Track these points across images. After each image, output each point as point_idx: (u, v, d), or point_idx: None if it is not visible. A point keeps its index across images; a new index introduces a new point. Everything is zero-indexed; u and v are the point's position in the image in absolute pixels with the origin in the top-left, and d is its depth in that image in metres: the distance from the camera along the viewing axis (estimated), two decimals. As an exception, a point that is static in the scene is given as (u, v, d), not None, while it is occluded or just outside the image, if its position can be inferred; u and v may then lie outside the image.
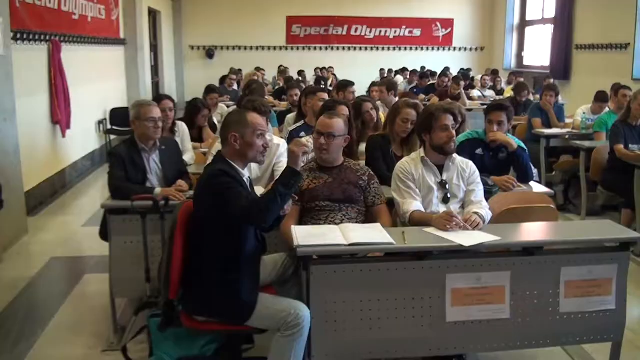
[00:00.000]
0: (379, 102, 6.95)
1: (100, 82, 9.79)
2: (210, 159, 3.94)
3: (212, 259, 2.83)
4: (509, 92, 10.81)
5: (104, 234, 3.93)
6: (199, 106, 5.80)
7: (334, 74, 13.40)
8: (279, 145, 4.29)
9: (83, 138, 8.91)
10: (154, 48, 14.57)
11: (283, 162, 4.20)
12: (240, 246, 2.84)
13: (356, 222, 3.41)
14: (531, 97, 9.37)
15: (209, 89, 7.59)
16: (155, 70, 14.66)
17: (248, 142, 2.92)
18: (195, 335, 2.99)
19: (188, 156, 4.93)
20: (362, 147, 4.69)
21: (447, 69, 14.82)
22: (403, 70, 15.34)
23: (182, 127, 5.17)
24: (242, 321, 2.85)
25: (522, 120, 7.98)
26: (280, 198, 2.76)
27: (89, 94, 9.08)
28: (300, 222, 3.44)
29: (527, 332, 3.07)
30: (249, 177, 3.06)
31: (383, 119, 5.35)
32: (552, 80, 10.87)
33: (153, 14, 14.37)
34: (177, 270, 2.84)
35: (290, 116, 6.10)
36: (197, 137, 5.69)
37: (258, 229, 2.92)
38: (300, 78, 13.46)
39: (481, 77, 12.63)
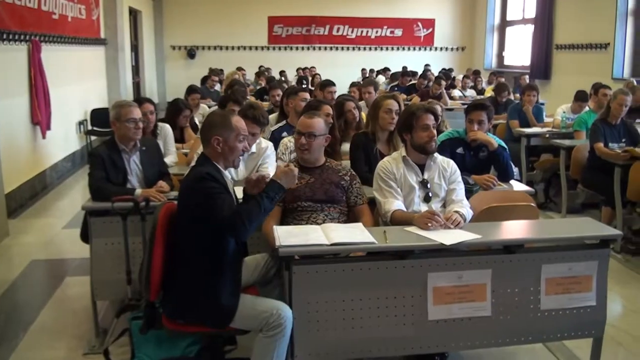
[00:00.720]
0: (362, 102, 6.98)
1: (80, 82, 9.72)
2: (194, 160, 3.93)
3: (193, 261, 2.81)
4: (489, 92, 10.90)
5: (85, 236, 3.89)
6: (181, 107, 5.78)
7: (317, 74, 13.40)
8: (267, 147, 4.29)
9: (63, 139, 8.83)
10: (135, 48, 14.48)
11: (268, 163, 4.20)
12: (222, 249, 2.82)
13: (338, 222, 3.41)
14: (512, 97, 9.44)
15: (191, 90, 7.56)
16: (136, 70, 14.57)
17: (230, 146, 2.91)
18: (177, 337, 2.97)
19: (170, 158, 4.90)
20: (345, 146, 4.70)
21: (427, 66, 14.91)
22: (385, 70, 15.41)
23: (165, 129, 5.14)
24: (223, 325, 2.83)
25: (503, 119, 8.04)
26: (264, 212, 2.79)
27: (70, 94, 9.01)
28: (282, 222, 3.44)
29: (508, 329, 3.10)
30: (231, 180, 3.05)
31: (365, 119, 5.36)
32: (527, 79, 11.01)
33: (134, 14, 14.28)
34: (158, 272, 2.82)
35: (272, 116, 6.09)
36: (178, 137, 5.66)
37: (236, 239, 2.87)
38: (283, 78, 13.45)
39: (462, 78, 12.70)
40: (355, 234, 3.00)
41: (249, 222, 2.72)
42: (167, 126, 5.16)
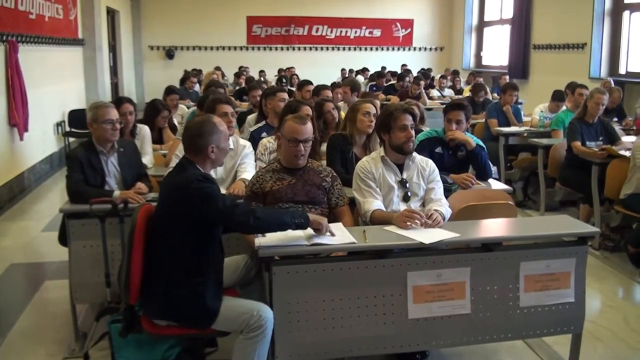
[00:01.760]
0: (341, 103, 6.99)
1: (58, 83, 9.61)
2: (174, 161, 3.91)
3: (176, 262, 2.79)
4: (467, 92, 10.96)
5: (63, 239, 3.86)
6: (159, 107, 5.74)
7: (295, 74, 13.39)
8: (244, 146, 4.27)
9: (41, 141, 8.73)
10: (113, 48, 14.35)
11: (247, 164, 4.18)
12: (206, 250, 2.81)
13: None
14: (489, 97, 9.50)
15: (169, 90, 7.51)
16: (114, 70, 14.45)
17: (222, 149, 2.94)
18: (157, 340, 2.95)
19: (147, 159, 4.86)
20: (324, 147, 4.70)
21: (404, 67, 14.95)
22: (364, 71, 15.42)
23: (143, 130, 5.10)
24: (206, 326, 2.82)
25: (480, 119, 8.09)
26: (282, 220, 2.83)
27: (47, 95, 8.91)
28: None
29: (488, 327, 3.12)
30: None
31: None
32: (507, 79, 11.07)
33: (111, 14, 14.16)
34: (137, 275, 2.80)
35: (251, 117, 6.08)
36: (157, 138, 5.62)
37: (240, 229, 2.93)
38: (262, 78, 13.42)
39: (439, 77, 12.78)
40: (336, 234, 3.00)
41: (260, 221, 2.75)
42: (146, 127, 5.13)
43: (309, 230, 2.99)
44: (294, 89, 8.38)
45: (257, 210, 2.80)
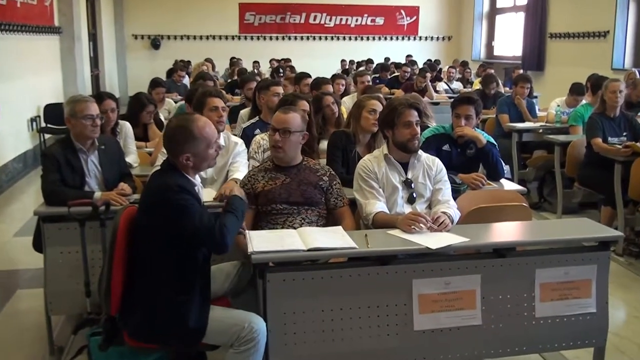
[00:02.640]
0: (350, 97, 7.03)
1: (32, 75, 9.59)
2: (160, 159, 3.91)
3: (158, 275, 2.77)
4: (477, 85, 10.97)
5: (38, 245, 3.85)
6: (144, 102, 5.73)
7: (290, 66, 13.41)
8: (236, 144, 4.28)
9: (14, 138, 8.72)
10: (93, 37, 14.35)
11: (239, 162, 4.19)
12: (190, 263, 2.79)
13: (316, 226, 3.42)
14: (501, 89, 9.50)
15: (155, 83, 7.51)
16: (95, 62, 14.44)
17: (202, 157, 2.88)
18: (140, 353, 2.94)
19: (131, 158, 4.86)
20: (323, 144, 4.70)
21: (409, 57, 14.96)
22: (367, 62, 15.41)
23: (125, 127, 5.10)
24: (191, 346, 2.82)
25: (492, 113, 8.09)
26: (240, 220, 2.88)
27: (20, 88, 8.90)
28: (255, 226, 3.44)
29: (500, 339, 3.12)
30: (200, 185, 3.03)
31: (345, 115, 5.37)
32: (521, 71, 11.06)
33: (91, 0, 14.16)
34: (119, 283, 2.79)
35: (244, 112, 6.08)
36: (141, 135, 5.62)
37: (216, 251, 2.86)
38: (255, 70, 13.43)
39: (447, 69, 12.79)
40: (335, 238, 3.01)
41: (232, 233, 2.76)
42: (127, 124, 5.12)
43: (307, 235, 2.99)
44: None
45: (223, 222, 2.78)
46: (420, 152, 3.61)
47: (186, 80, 11.35)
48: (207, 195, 3.78)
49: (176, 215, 2.69)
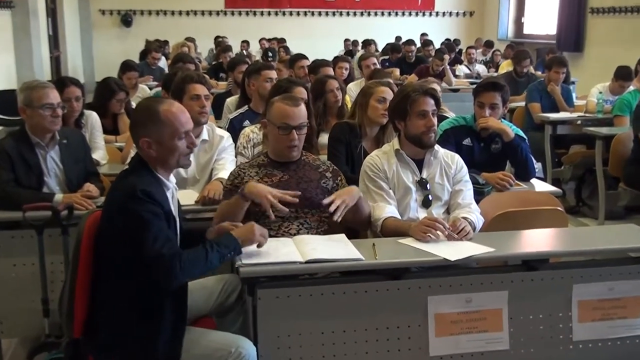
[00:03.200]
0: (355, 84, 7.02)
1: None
2: (131, 156, 3.89)
3: (121, 295, 2.76)
4: (505, 68, 10.97)
5: (-12, 255, 3.85)
6: (113, 88, 5.72)
7: (283, 46, 13.41)
8: (222, 137, 4.28)
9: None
10: (52, 13, 14.33)
11: (225, 160, 4.18)
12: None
13: (317, 233, 3.42)
14: (533, 72, 9.49)
15: (126, 66, 7.50)
16: (55, 41, 14.42)
17: (167, 147, 2.83)
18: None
19: (99, 154, 4.86)
20: (323, 138, 4.70)
21: (424, 37, 14.93)
22: (371, 43, 15.38)
23: (91, 118, 5.09)
24: None
25: (521, 101, 8.07)
26: (208, 266, 2.76)
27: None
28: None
29: (531, 367, 3.13)
30: (175, 187, 3.00)
31: (349, 104, 5.36)
32: (559, 54, 11.02)
33: (50, -31, 14.17)
34: (83, 301, 2.78)
35: (231, 100, 6.07)
36: (110, 128, 5.62)
37: (163, 286, 2.75)
38: (244, 52, 13.43)
39: (466, 49, 12.79)
40: (337, 248, 3.01)
41: (186, 272, 2.68)
42: (94, 114, 5.12)
43: (305, 244, 2.99)
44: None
45: (183, 255, 2.70)
46: (437, 147, 3.62)
47: (163, 63, 11.33)
48: (188, 197, 3.78)
49: (132, 229, 2.65)
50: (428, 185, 3.56)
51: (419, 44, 13.26)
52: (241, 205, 3.25)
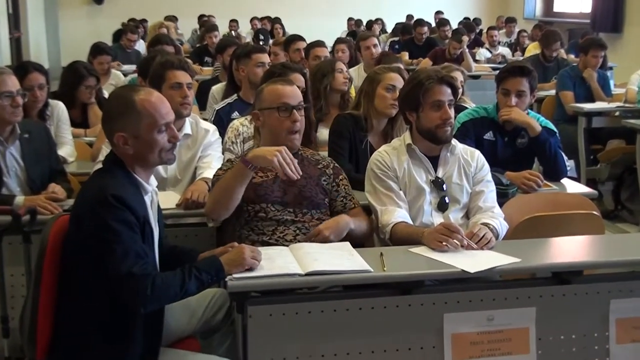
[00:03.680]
0: (354, 70, 7.01)
1: None
2: (104, 152, 3.89)
3: (90, 314, 2.75)
4: (532, 51, 10.95)
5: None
6: (82, 73, 5.70)
7: (279, 25, 13.41)
8: (207, 131, 4.28)
9: None
10: (13, -12, 14.35)
11: (211, 157, 4.18)
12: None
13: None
14: (564, 56, 9.47)
15: (98, 49, 7.51)
16: (15, 21, 14.41)
17: (145, 141, 2.82)
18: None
19: (66, 150, 4.86)
20: (323, 133, 4.70)
21: (439, 15, 14.92)
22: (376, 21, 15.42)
23: (57, 109, 5.09)
24: None
25: (551, 88, 8.06)
26: (183, 295, 2.73)
27: None
28: (233, 236, 3.44)
29: (562, 394, 3.13)
30: (155, 191, 2.99)
31: (353, 93, 5.37)
32: (595, 35, 11.00)
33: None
34: (47, 319, 2.77)
35: (217, 88, 6.07)
36: (79, 120, 5.61)
37: (130, 309, 2.75)
38: (233, 32, 13.44)
39: (488, 30, 12.77)
40: (341, 257, 3.01)
41: (157, 298, 2.66)
42: (60, 105, 5.11)
43: (303, 253, 2.99)
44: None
45: (156, 277, 2.67)
46: (454, 142, 3.62)
47: (140, 46, 11.34)
48: (168, 200, 3.78)
49: (99, 240, 2.63)
50: (444, 186, 3.56)
51: (433, 24, 13.26)
52: (242, 178, 3.26)
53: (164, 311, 2.86)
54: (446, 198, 3.56)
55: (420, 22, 11.73)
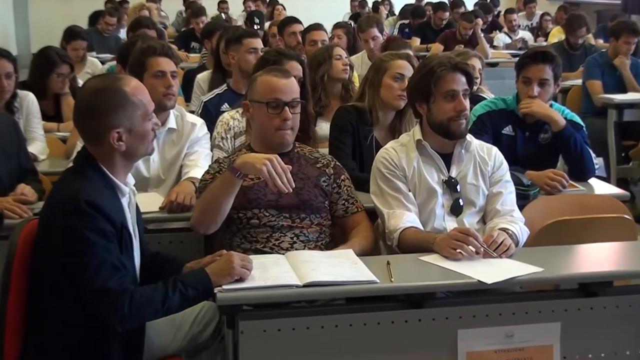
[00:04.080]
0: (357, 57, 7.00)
1: None
2: (78, 148, 3.89)
3: (62, 330, 2.76)
4: (556, 36, 10.94)
5: None
6: (54, 60, 5.71)
7: (280, 5, 13.40)
8: (194, 126, 4.28)
9: None
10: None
11: (198, 154, 4.17)
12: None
13: (316, 247, 3.43)
14: (592, 41, 9.46)
15: (72, 34, 7.50)
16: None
17: (139, 134, 2.84)
18: None
19: (37, 147, 4.86)
20: (324, 127, 4.70)
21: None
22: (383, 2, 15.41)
23: (27, 101, 5.09)
24: None
25: (577, 78, 8.06)
26: (164, 312, 2.74)
27: None
28: (223, 243, 3.45)
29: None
30: (132, 191, 2.99)
31: (357, 83, 5.36)
32: (626, 18, 10.97)
33: None
34: (16, 334, 2.78)
35: (203, 77, 6.07)
36: (52, 113, 5.62)
37: (106, 327, 2.74)
38: (223, 15, 13.43)
39: (505, 13, 12.75)
40: (344, 267, 3.01)
41: (136, 316, 2.66)
42: (30, 96, 5.11)
43: (301, 262, 2.99)
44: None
45: (135, 293, 2.67)
46: (469, 137, 3.62)
47: (122, 33, 11.32)
48: (150, 202, 3.77)
49: (71, 252, 2.63)
50: (458, 187, 3.56)
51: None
52: (230, 188, 3.24)
53: (145, 327, 2.86)
54: (460, 200, 3.55)
55: (442, 6, 11.65)
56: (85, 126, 2.87)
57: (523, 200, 3.81)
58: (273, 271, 2.95)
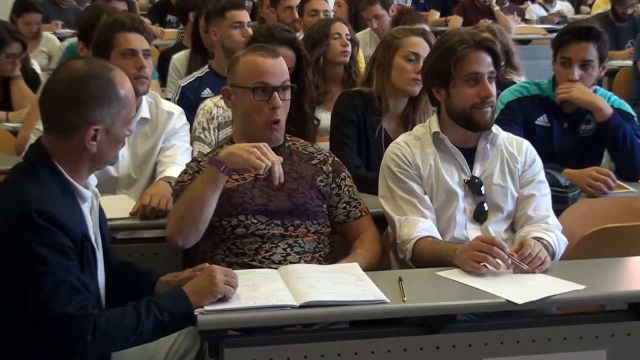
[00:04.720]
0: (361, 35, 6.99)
1: None
2: (31, 141, 3.90)
3: (10, 357, 2.78)
4: (600, 7, 10.95)
5: None
6: (2, 37, 5.73)
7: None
8: (171, 114, 4.29)
9: None
10: None
11: (175, 148, 4.17)
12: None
13: (312, 260, 3.44)
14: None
15: (23, 5, 7.52)
16: None
17: (115, 138, 2.85)
18: None
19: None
20: (324, 117, 4.71)
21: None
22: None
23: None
24: None
25: (625, 58, 8.06)
26: (136, 340, 2.72)
27: None
28: (204, 256, 3.46)
29: None
30: (95, 194, 2.98)
31: (362, 64, 5.37)
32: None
33: None
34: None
35: (180, 57, 6.07)
36: (0, 98, 5.64)
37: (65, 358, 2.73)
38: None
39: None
40: (347, 284, 3.01)
41: (101, 345, 2.65)
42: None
43: (297, 278, 3.00)
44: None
45: (100, 318, 2.65)
46: (496, 129, 3.62)
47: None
48: (119, 207, 3.78)
49: (21, 270, 2.61)
50: (482, 188, 3.56)
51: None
52: (214, 185, 3.22)
53: (111, 357, 2.87)
54: (485, 204, 3.55)
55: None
56: (57, 114, 2.80)
57: (560, 204, 3.82)
58: (263, 289, 2.95)
